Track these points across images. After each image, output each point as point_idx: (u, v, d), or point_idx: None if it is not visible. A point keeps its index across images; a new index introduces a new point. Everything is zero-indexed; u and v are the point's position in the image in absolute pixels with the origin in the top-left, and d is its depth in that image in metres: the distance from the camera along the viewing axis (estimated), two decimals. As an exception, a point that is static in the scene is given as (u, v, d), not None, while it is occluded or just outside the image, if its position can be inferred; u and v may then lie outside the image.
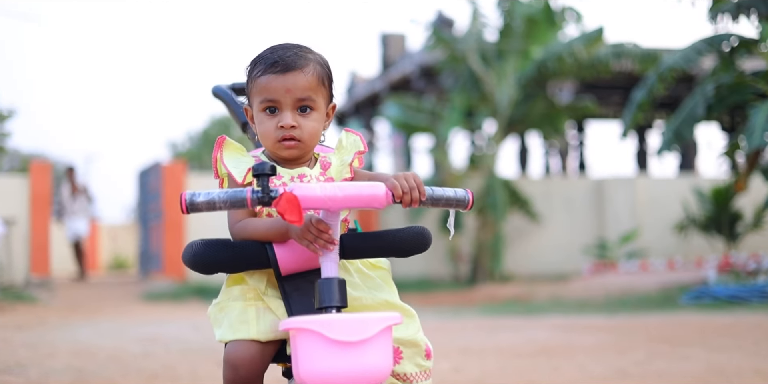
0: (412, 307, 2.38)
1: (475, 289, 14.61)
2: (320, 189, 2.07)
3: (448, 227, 2.25)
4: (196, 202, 2.05)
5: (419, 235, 2.29)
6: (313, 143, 2.36)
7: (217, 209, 2.07)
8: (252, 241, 2.23)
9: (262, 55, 2.40)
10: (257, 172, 2.05)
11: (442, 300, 13.08)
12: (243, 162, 2.34)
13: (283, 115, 2.32)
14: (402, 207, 2.13)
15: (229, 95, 3.10)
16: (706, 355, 6.12)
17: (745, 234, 15.36)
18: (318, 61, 2.39)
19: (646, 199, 17.19)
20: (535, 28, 15.97)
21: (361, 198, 2.08)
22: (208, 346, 7.46)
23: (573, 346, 6.78)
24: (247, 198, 2.05)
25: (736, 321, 8.40)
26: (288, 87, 2.31)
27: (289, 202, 2.03)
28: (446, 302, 12.69)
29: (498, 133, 16.16)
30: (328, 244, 2.11)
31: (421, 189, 2.13)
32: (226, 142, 2.36)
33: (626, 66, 16.49)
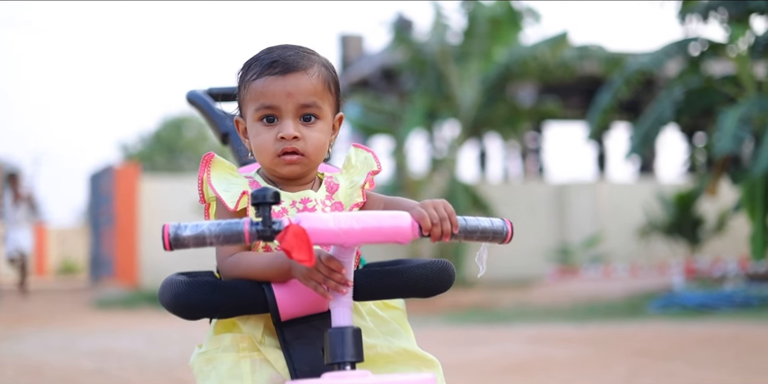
0: None
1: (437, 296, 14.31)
2: (333, 220, 1.71)
3: (477, 263, 1.89)
4: (182, 237, 1.68)
5: (443, 273, 1.95)
6: (318, 159, 2.01)
7: (207, 245, 1.71)
8: (246, 280, 1.87)
9: (257, 56, 2.05)
10: (257, 201, 1.69)
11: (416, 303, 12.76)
12: (235, 184, 1.98)
13: (283, 125, 1.96)
14: (430, 241, 1.77)
15: (206, 102, 2.73)
16: (691, 371, 5.89)
17: (707, 239, 15.26)
18: (323, 63, 2.04)
19: (608, 204, 17.04)
20: (498, 30, 15.75)
21: (383, 231, 1.73)
22: (165, 361, 7.08)
23: (552, 361, 6.50)
24: (245, 232, 1.69)
25: (711, 332, 8.18)
26: (289, 90, 1.96)
27: (297, 236, 1.67)
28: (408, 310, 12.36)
29: (460, 136, 15.90)
30: (340, 286, 1.76)
31: (453, 220, 1.78)
32: (214, 161, 2.00)
33: (590, 68, 16.33)
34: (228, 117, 2.67)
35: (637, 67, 12.34)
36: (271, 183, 2.02)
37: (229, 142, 2.66)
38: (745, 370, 5.91)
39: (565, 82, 17.51)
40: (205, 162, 2.00)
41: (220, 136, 2.68)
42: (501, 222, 1.84)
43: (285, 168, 1.97)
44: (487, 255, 1.86)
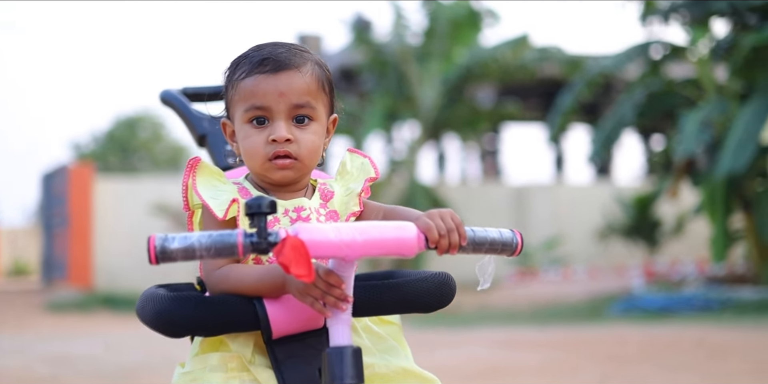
0: None
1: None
2: (334, 232, 1.58)
3: (478, 276, 1.76)
4: (170, 250, 1.55)
5: (445, 286, 1.83)
6: (312, 163, 1.87)
7: (197, 258, 1.57)
8: (235, 295, 1.73)
9: (246, 54, 1.91)
10: (252, 210, 1.56)
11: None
12: (223, 191, 1.84)
13: (275, 126, 1.83)
14: (437, 254, 1.65)
15: (181, 102, 2.58)
16: (661, 376, 5.85)
17: (665, 241, 15.33)
18: (316, 61, 1.92)
19: (567, 206, 17.06)
20: (459, 31, 15.70)
21: (387, 243, 1.61)
22: (123, 367, 6.90)
23: (521, 366, 6.43)
24: (238, 244, 1.56)
25: (676, 336, 8.17)
26: (281, 90, 1.83)
27: (295, 250, 1.54)
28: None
29: (420, 137, 15.82)
30: (339, 303, 1.63)
31: (461, 231, 1.66)
32: (200, 165, 1.86)
33: (549, 71, 16.34)
34: (205, 118, 2.53)
35: (599, 70, 12.37)
36: (260, 189, 1.89)
37: (207, 144, 2.51)
38: (715, 374, 5.88)
39: (524, 83, 17.53)
40: (191, 167, 1.86)
41: (197, 138, 2.53)
42: (510, 233, 1.72)
43: (277, 173, 1.84)
44: (493, 268, 1.74)
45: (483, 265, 1.75)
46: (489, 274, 1.74)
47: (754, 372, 5.85)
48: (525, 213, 17.27)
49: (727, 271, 12.27)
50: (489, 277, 1.74)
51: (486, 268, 1.75)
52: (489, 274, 1.74)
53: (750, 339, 7.74)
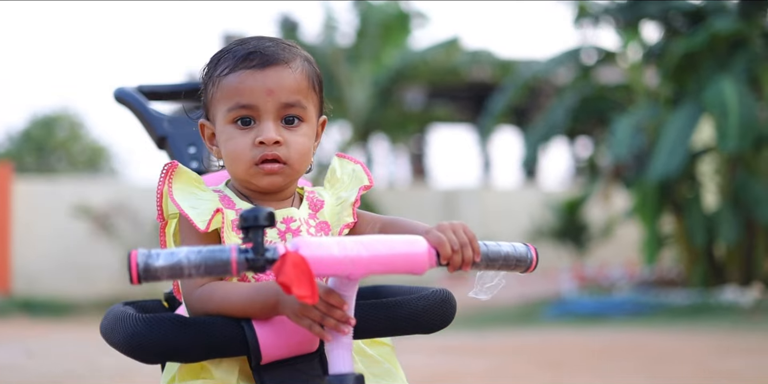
0: None
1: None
2: (338, 247, 1.42)
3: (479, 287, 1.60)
4: (154, 268, 1.37)
5: (446, 304, 1.69)
6: (302, 168, 1.71)
7: (184, 277, 1.39)
8: (219, 316, 1.55)
9: (228, 48, 1.74)
10: (248, 223, 1.39)
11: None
12: (203, 200, 1.66)
13: (262, 127, 1.66)
14: (448, 271, 1.49)
15: (138, 101, 2.39)
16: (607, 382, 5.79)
17: (594, 245, 15.44)
18: (305, 56, 1.75)
19: (495, 210, 17.08)
20: (389, 32, 15.61)
21: (396, 260, 1.45)
22: (47, 376, 6.61)
23: (465, 373, 6.33)
24: (232, 261, 1.39)
25: (612, 342, 8.17)
26: (269, 87, 1.66)
27: (297, 267, 1.37)
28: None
29: (350, 139, 15.68)
30: (341, 325, 1.47)
31: (474, 245, 1.51)
32: (177, 171, 1.68)
33: (479, 74, 16.35)
34: (165, 118, 2.34)
35: (531, 74, 12.38)
36: (243, 197, 1.72)
37: (167, 147, 2.32)
38: (658, 379, 5.86)
39: (454, 86, 17.53)
40: (166, 172, 1.68)
41: (156, 140, 2.34)
42: (524, 248, 1.58)
43: (264, 179, 1.67)
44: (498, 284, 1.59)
45: (484, 276, 1.60)
46: (490, 287, 1.59)
47: (698, 377, 5.83)
48: (453, 217, 17.24)
49: (657, 275, 12.39)
50: (488, 290, 1.59)
51: (487, 280, 1.60)
52: (491, 286, 1.59)
53: (686, 343, 7.76)
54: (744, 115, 9.85)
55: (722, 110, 9.95)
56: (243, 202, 1.70)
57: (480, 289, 1.58)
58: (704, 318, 9.45)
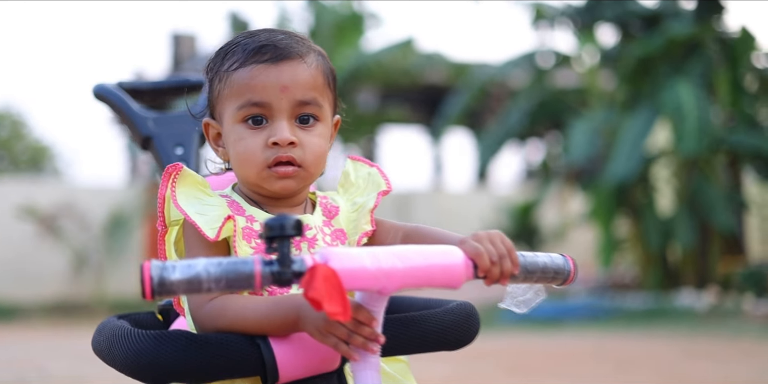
0: None
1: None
2: (370, 258, 1.30)
3: (506, 295, 1.49)
4: (170, 282, 1.24)
5: (472, 319, 1.58)
6: (317, 172, 1.59)
7: (203, 291, 1.26)
8: (233, 333, 1.42)
9: (236, 41, 1.61)
10: (273, 233, 1.26)
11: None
12: (211, 205, 1.53)
13: (275, 127, 1.54)
14: (485, 284, 1.38)
15: (120, 98, 2.24)
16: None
17: (547, 248, 15.45)
18: (319, 51, 1.63)
19: (448, 213, 17.02)
20: (342, 33, 15.49)
21: (432, 272, 1.34)
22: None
23: (431, 378, 6.22)
24: (256, 274, 1.26)
25: (574, 346, 8.14)
26: (284, 83, 1.53)
27: (328, 281, 1.25)
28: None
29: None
30: (369, 343, 1.34)
31: (513, 257, 1.40)
32: (181, 174, 1.54)
33: (433, 77, 16.30)
34: (150, 117, 2.20)
35: (487, 78, 12.36)
36: (252, 203, 1.59)
37: (152, 148, 2.18)
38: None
39: (407, 88, 17.45)
40: (169, 175, 1.54)
41: (141, 140, 2.19)
42: (561, 259, 1.47)
43: (276, 183, 1.55)
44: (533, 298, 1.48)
45: (516, 288, 1.49)
46: (524, 300, 1.48)
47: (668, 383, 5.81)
48: (406, 220, 17.14)
49: (612, 279, 12.41)
50: (522, 303, 1.48)
51: (519, 293, 1.49)
52: (525, 299, 1.48)
53: (647, 348, 7.75)
54: (700, 119, 9.90)
55: (679, 114, 9.99)
56: (252, 208, 1.57)
57: (512, 301, 1.47)
58: (661, 322, 9.46)
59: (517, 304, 1.46)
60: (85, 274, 13.96)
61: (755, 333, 8.45)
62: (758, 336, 8.21)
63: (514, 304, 1.46)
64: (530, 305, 1.46)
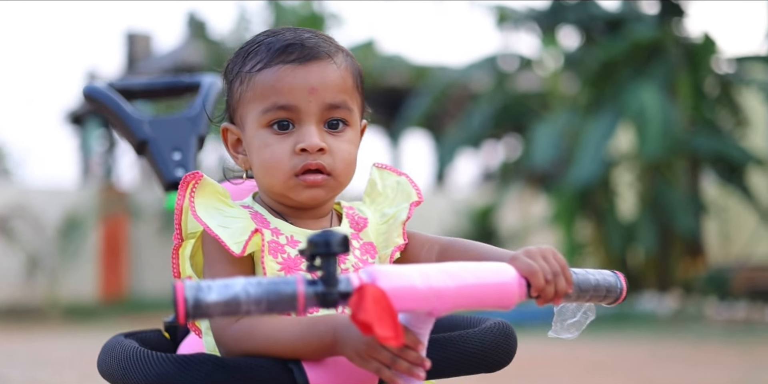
0: None
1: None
2: (421, 276, 1.20)
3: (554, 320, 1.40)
4: (206, 304, 1.12)
5: (510, 339, 1.48)
6: (346, 181, 1.49)
7: (241, 313, 1.15)
8: (263, 356, 1.31)
9: (258, 40, 1.50)
10: (319, 250, 1.15)
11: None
12: (234, 218, 1.42)
13: (304, 132, 1.44)
14: (537, 304, 1.28)
15: (113, 100, 2.11)
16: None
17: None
18: (348, 52, 1.53)
19: (406, 215, 16.95)
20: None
21: (486, 292, 1.24)
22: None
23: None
24: (299, 295, 1.15)
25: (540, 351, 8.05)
26: (312, 85, 1.43)
27: (378, 302, 1.15)
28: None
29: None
30: (415, 369, 1.24)
31: (567, 274, 1.31)
32: (202, 183, 1.43)
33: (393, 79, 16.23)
34: (145, 120, 2.08)
35: (449, 80, 12.32)
36: (276, 214, 1.48)
37: (148, 152, 2.06)
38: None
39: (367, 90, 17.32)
40: (187, 184, 1.43)
41: (136, 144, 2.07)
42: (613, 276, 1.38)
43: (304, 193, 1.44)
44: (585, 319, 1.39)
45: (565, 310, 1.39)
46: (575, 323, 1.39)
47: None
48: (365, 222, 17.08)
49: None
50: (572, 327, 1.39)
51: (568, 315, 1.40)
52: (575, 322, 1.39)
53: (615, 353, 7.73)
54: (663, 123, 9.94)
55: (642, 117, 10.02)
56: (277, 220, 1.47)
57: (561, 326, 1.38)
58: (625, 327, 9.46)
59: (567, 328, 1.37)
60: (38, 277, 13.66)
61: (719, 337, 8.48)
62: (723, 340, 8.23)
63: (563, 329, 1.37)
64: (580, 328, 1.37)
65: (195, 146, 2.07)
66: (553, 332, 1.38)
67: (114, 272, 14.69)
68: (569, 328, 1.37)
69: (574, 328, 1.37)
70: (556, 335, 1.38)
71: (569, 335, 1.37)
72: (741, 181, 10.87)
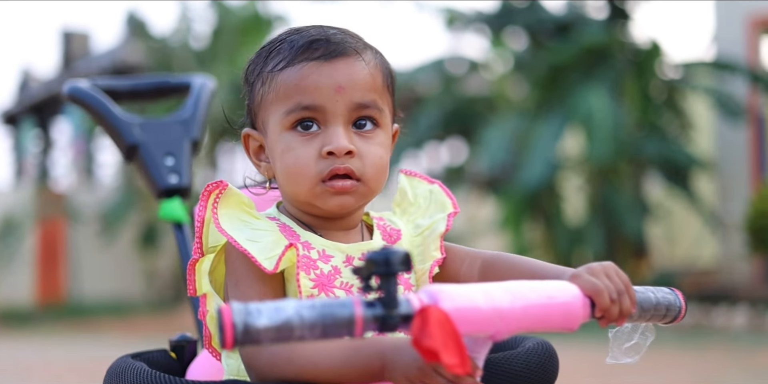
0: None
1: (180, 312, 13.42)
2: (484, 296, 1.10)
3: (611, 346, 1.31)
4: (256, 329, 1.01)
5: (553, 359, 1.40)
6: (377, 187, 1.37)
7: (293, 339, 1.04)
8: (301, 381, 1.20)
9: (281, 39, 1.40)
10: (378, 269, 1.05)
11: (142, 326, 11.79)
12: (261, 231, 1.31)
13: (330, 134, 1.33)
14: (600, 325, 1.19)
15: (99, 101, 1.98)
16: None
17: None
18: (378, 50, 1.43)
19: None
20: (247, 34, 15.19)
21: (551, 313, 1.15)
22: None
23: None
24: (356, 319, 1.05)
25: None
26: (339, 83, 1.33)
27: (442, 327, 1.05)
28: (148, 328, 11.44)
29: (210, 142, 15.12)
30: (472, 396, 1.14)
31: (631, 293, 1.22)
32: (226, 193, 1.31)
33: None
34: (135, 123, 1.95)
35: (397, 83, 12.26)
36: (303, 226, 1.37)
37: (138, 158, 1.93)
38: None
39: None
40: (209, 194, 1.31)
41: (125, 149, 1.94)
42: (672, 294, 1.29)
43: (331, 200, 1.33)
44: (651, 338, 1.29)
45: (622, 332, 1.31)
46: (634, 346, 1.30)
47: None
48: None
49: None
50: (632, 351, 1.30)
51: (624, 338, 1.31)
52: (634, 345, 1.30)
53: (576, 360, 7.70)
54: (611, 127, 9.98)
55: (591, 121, 10.04)
56: (307, 233, 1.35)
57: (620, 351, 1.28)
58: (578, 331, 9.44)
59: (626, 352, 1.28)
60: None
61: (671, 342, 8.51)
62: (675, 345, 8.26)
63: (622, 353, 1.28)
64: (640, 351, 1.28)
65: (189, 151, 1.95)
66: (611, 358, 1.29)
67: (51, 276, 14.32)
68: (628, 352, 1.28)
69: (633, 352, 1.28)
70: (615, 361, 1.28)
71: (629, 360, 1.28)
72: (686, 184, 10.97)
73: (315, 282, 1.30)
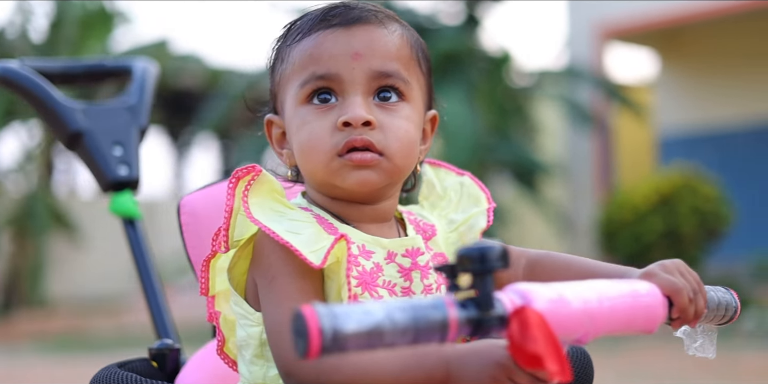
0: None
1: (13, 321, 12.74)
2: (575, 296, 1.01)
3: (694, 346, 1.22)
4: (344, 335, 0.88)
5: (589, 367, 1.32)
6: (405, 165, 1.24)
7: (382, 346, 0.92)
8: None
9: (303, 15, 1.27)
10: (474, 266, 0.93)
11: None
12: (299, 221, 1.16)
13: (347, 104, 1.20)
14: (672, 327, 1.12)
15: (35, 82, 1.77)
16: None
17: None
18: (407, 25, 1.31)
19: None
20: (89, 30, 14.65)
21: (635, 313, 1.06)
22: None
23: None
24: (450, 322, 0.93)
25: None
26: (356, 49, 1.21)
27: (542, 329, 0.95)
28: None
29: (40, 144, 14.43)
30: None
31: (703, 292, 1.14)
32: (259, 180, 1.16)
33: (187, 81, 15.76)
34: (78, 108, 1.75)
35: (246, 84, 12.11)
36: (332, 216, 1.23)
37: (82, 146, 1.73)
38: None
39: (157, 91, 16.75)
40: (237, 180, 1.16)
41: (66, 136, 1.74)
42: (727, 293, 1.22)
43: (350, 176, 1.19)
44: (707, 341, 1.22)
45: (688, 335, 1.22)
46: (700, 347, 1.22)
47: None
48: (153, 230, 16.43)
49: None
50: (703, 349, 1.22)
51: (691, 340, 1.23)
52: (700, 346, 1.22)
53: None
54: (471, 132, 10.10)
55: (449, 127, 10.12)
56: (345, 226, 1.21)
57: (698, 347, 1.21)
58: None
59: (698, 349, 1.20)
60: None
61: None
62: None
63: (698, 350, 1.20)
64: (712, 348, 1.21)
65: (137, 140, 1.77)
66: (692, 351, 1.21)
67: None
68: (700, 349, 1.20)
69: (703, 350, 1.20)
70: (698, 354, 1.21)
71: (712, 355, 1.20)
72: (534, 189, 11.23)
73: (358, 280, 1.18)
